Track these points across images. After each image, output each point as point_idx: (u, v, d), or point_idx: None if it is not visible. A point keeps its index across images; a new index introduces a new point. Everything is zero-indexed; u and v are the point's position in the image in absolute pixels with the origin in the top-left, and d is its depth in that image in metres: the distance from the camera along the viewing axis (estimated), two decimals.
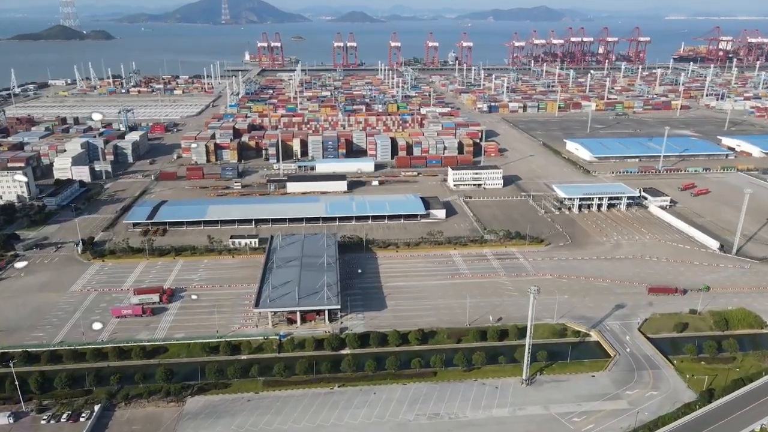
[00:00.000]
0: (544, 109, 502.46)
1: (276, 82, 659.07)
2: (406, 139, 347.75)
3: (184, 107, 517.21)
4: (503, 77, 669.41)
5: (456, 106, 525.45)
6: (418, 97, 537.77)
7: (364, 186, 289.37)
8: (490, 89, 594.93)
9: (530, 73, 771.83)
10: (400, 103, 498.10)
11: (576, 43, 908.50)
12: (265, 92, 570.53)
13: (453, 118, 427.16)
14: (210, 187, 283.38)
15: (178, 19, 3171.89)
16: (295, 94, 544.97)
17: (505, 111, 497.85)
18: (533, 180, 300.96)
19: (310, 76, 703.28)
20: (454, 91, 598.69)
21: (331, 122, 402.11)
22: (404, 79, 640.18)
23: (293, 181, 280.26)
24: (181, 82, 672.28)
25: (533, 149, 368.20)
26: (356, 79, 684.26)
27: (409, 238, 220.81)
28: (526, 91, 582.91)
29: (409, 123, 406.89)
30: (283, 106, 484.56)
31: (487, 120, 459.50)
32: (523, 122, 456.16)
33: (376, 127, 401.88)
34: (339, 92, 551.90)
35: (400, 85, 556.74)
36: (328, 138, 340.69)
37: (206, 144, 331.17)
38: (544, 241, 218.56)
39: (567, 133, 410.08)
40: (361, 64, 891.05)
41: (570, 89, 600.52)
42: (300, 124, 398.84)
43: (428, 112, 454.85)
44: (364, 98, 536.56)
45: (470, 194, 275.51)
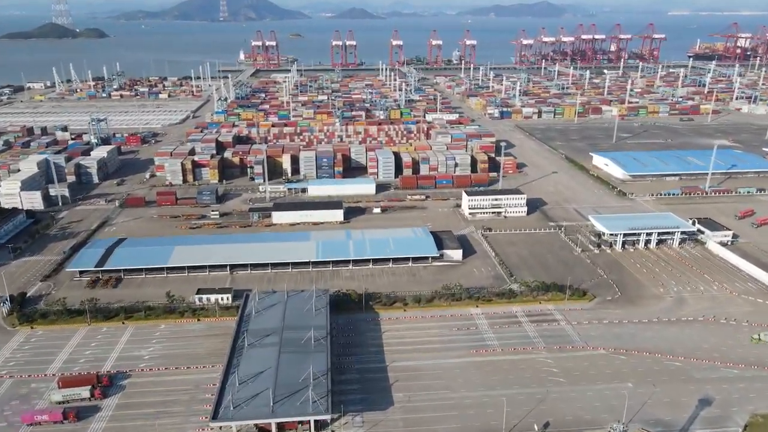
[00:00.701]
0: (561, 115, 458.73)
1: (270, 84, 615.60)
2: (412, 154, 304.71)
3: (168, 113, 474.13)
4: (513, 78, 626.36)
5: (463, 111, 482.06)
6: (423, 102, 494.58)
7: (363, 214, 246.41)
8: (499, 92, 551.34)
9: (541, 73, 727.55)
10: (403, 108, 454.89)
11: (587, 41, 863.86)
12: (256, 96, 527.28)
13: (463, 127, 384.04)
14: (183, 216, 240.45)
15: (175, 16, 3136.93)
16: (288, 98, 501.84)
17: (519, 117, 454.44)
18: (561, 205, 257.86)
19: (306, 78, 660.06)
20: (461, 94, 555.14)
21: (327, 133, 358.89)
22: (407, 81, 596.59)
23: (280, 210, 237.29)
24: (168, 84, 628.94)
25: (555, 164, 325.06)
26: (356, 81, 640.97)
27: (420, 289, 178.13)
28: (540, 94, 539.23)
29: (414, 133, 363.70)
30: (275, 113, 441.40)
31: (499, 128, 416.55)
32: (539, 130, 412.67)
33: (378, 138, 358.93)
34: (336, 97, 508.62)
35: (402, 87, 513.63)
36: (322, 154, 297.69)
37: (182, 162, 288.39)
38: (588, 294, 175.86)
39: (591, 144, 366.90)
40: (360, 63, 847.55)
41: (586, 91, 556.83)
42: (292, 135, 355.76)
43: (435, 119, 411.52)
44: (363, 103, 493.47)
45: (489, 225, 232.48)
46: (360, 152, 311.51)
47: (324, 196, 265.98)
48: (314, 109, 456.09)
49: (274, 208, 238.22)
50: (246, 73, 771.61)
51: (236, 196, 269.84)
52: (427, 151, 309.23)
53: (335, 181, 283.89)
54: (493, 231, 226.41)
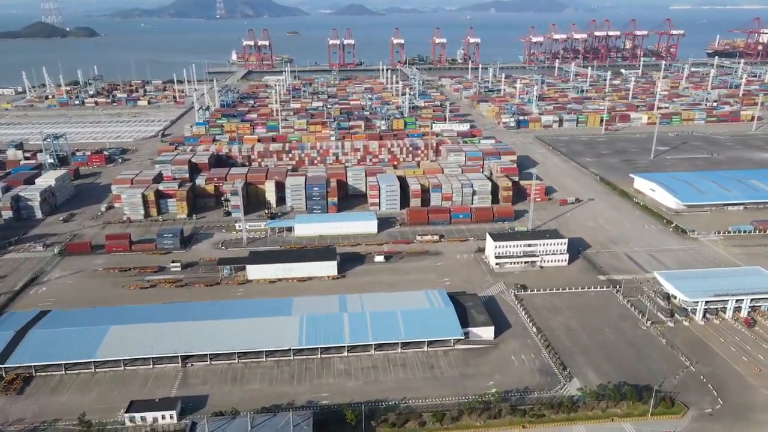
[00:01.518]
0: (584, 123, 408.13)
1: (260, 88, 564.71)
2: (420, 179, 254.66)
3: (145, 124, 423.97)
4: (524, 80, 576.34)
5: (474, 119, 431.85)
6: (429, 108, 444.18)
7: (363, 264, 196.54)
8: (512, 96, 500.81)
9: (554, 73, 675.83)
10: (407, 117, 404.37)
11: (600, 38, 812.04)
12: (244, 104, 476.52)
13: (477, 141, 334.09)
14: (135, 270, 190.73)
15: (171, 14, 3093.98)
16: (278, 107, 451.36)
17: (537, 126, 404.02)
18: (608, 248, 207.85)
19: (300, 81, 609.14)
20: (470, 99, 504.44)
21: (321, 150, 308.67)
22: (410, 84, 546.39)
23: (257, 261, 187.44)
24: (150, 89, 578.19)
25: (589, 188, 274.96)
26: (354, 84, 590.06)
27: (441, 394, 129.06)
28: (557, 99, 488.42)
29: (422, 150, 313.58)
30: (263, 124, 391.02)
31: (516, 140, 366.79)
32: (562, 142, 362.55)
33: (379, 156, 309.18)
34: (332, 104, 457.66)
35: (406, 92, 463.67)
36: (313, 181, 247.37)
37: (144, 192, 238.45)
38: (677, 403, 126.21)
39: (626, 161, 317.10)
40: (359, 63, 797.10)
41: (608, 95, 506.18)
42: (280, 153, 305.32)
43: (443, 131, 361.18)
44: (362, 110, 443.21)
45: (522, 279, 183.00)
46: (358, 176, 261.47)
47: (314, 236, 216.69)
48: (307, 118, 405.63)
49: (248, 260, 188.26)
50: (237, 74, 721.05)
51: (207, 237, 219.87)
52: (439, 176, 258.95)
53: (328, 216, 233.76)
54: (530, 290, 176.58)
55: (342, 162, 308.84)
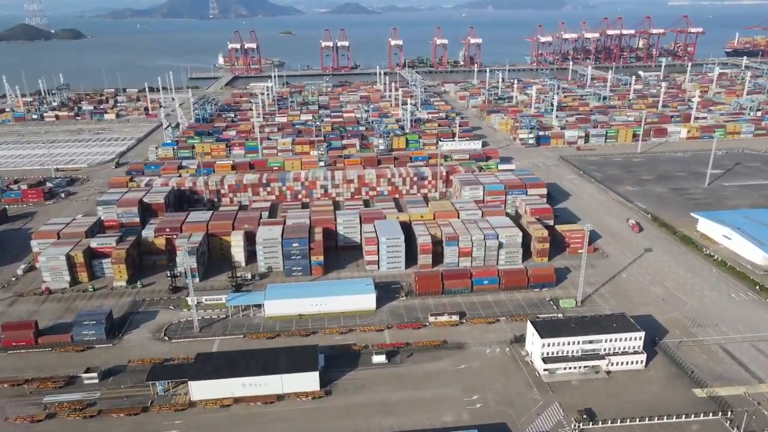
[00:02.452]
0: (614, 138, 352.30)
1: (244, 98, 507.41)
2: (430, 226, 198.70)
3: (106, 143, 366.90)
4: (535, 84, 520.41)
5: (485, 133, 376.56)
6: (433, 121, 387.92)
7: (355, 369, 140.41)
8: (526, 105, 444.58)
9: (566, 76, 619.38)
10: (409, 134, 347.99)
11: (613, 37, 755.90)
12: (223, 117, 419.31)
13: (494, 166, 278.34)
14: (31, 385, 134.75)
15: (164, 14, 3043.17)
16: (262, 121, 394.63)
17: (560, 143, 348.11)
18: (692, 333, 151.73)
19: (289, 88, 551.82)
20: (479, 109, 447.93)
21: (306, 182, 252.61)
22: (411, 92, 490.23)
23: (204, 374, 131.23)
24: (122, 100, 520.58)
25: (642, 231, 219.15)
26: (348, 91, 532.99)
27: None
28: (577, 108, 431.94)
29: (429, 181, 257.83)
30: (241, 144, 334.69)
31: (537, 161, 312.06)
32: (593, 164, 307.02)
33: (377, 188, 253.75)
34: (322, 120, 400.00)
35: (407, 102, 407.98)
36: (293, 233, 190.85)
37: (70, 252, 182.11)
38: None
39: (675, 190, 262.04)
40: (354, 66, 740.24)
41: (633, 101, 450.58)
42: (256, 186, 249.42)
43: (453, 153, 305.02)
44: (358, 125, 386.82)
45: (584, 395, 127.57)
46: (351, 223, 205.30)
47: (292, 316, 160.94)
48: (293, 136, 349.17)
49: (192, 371, 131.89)
50: (221, 80, 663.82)
51: (149, 318, 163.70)
52: (453, 221, 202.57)
53: (310, 286, 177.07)
54: (600, 420, 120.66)
55: (332, 196, 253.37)
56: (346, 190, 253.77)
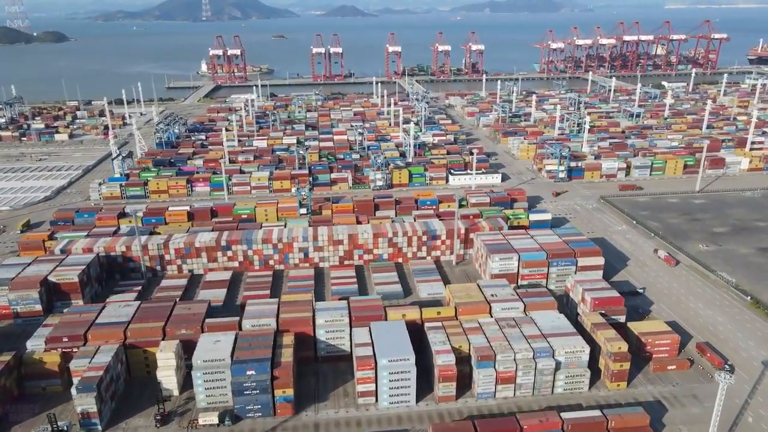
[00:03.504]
0: (661, 170, 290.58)
1: (222, 113, 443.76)
2: (452, 332, 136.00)
3: (45, 176, 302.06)
4: (550, 96, 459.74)
5: (501, 159, 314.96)
6: (441, 147, 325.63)
7: None
8: (545, 123, 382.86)
9: (582, 86, 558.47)
10: (414, 167, 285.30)
11: (630, 43, 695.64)
12: (192, 141, 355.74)
13: (524, 216, 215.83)
14: None
15: (156, 16, 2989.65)
16: (238, 145, 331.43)
17: (595, 176, 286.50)
18: None
19: (274, 102, 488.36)
20: (493, 129, 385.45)
21: (281, 243, 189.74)
22: (412, 107, 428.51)
23: None
24: (83, 114, 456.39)
25: (739, 324, 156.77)
26: (341, 105, 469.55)
27: None
28: (607, 128, 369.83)
29: (442, 240, 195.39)
30: (207, 179, 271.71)
31: (573, 202, 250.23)
32: (645, 208, 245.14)
33: (374, 251, 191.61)
34: (308, 145, 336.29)
35: (410, 123, 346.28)
36: (247, 353, 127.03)
37: None
38: None
39: (764, 250, 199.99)
40: (349, 74, 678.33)
41: (668, 120, 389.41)
42: (213, 250, 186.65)
43: (472, 196, 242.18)
44: (351, 150, 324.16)
45: None
46: (337, 327, 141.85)
47: None
48: (272, 168, 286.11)
49: None
50: (201, 91, 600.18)
51: None
52: (484, 323, 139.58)
53: None
54: None
55: (314, 261, 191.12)
56: (333, 254, 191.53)
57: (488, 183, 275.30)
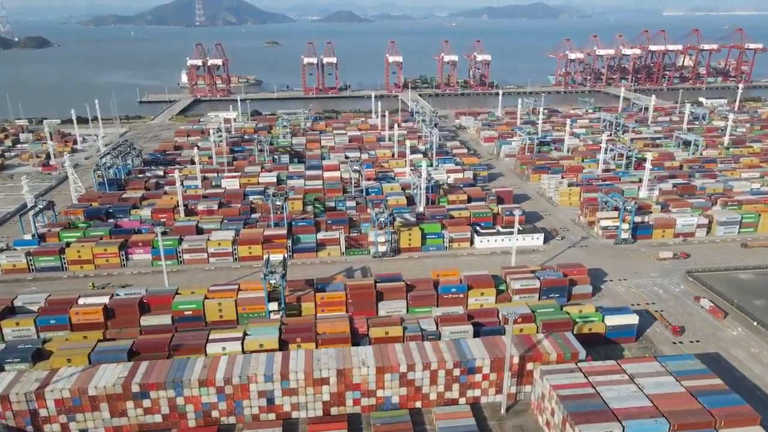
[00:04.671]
0: (752, 227, 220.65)
1: (192, 138, 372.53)
2: None
3: None
4: (576, 115, 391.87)
5: (535, 206, 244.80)
6: (460, 189, 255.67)
7: None
8: (584, 155, 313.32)
9: (606, 101, 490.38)
10: (428, 224, 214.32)
11: (656, 53, 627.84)
12: (147, 176, 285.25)
13: (601, 323, 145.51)
14: None
15: (149, 20, 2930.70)
16: (201, 186, 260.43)
17: (667, 234, 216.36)
18: None
19: (256, 123, 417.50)
20: (518, 161, 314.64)
21: (230, 385, 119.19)
22: (418, 129, 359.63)
23: None
24: (27, 138, 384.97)
25: None
26: (335, 127, 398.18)
27: None
28: (661, 162, 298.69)
29: (484, 374, 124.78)
30: (147, 244, 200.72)
31: (652, 281, 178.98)
32: (754, 292, 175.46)
33: (379, 392, 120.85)
34: (288, 193, 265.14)
35: (417, 149, 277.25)
36: None
37: None
38: None
39: None
40: (344, 87, 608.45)
41: (729, 153, 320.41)
42: (119, 397, 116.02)
43: (514, 277, 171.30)
44: (344, 194, 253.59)
45: None
46: None
47: None
48: (238, 227, 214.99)
49: None
50: (176, 106, 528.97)
51: None
52: None
53: None
54: None
55: (283, 412, 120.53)
56: (313, 399, 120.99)
57: (528, 245, 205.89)
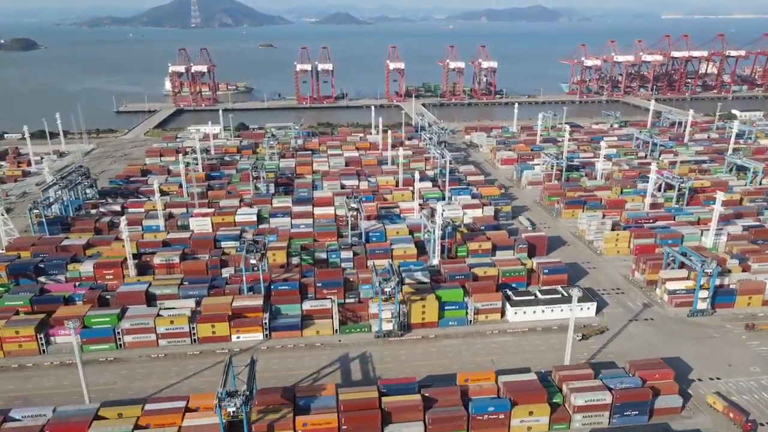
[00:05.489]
0: None
1: (165, 159, 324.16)
2: None
3: None
4: (602, 132, 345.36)
5: (574, 254, 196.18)
6: (481, 233, 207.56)
7: None
8: (624, 184, 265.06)
9: (625, 112, 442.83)
10: (447, 290, 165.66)
11: (678, 60, 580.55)
12: (96, 214, 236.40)
13: None
14: None
15: (144, 22, 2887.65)
16: (165, 228, 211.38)
17: (754, 302, 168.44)
18: None
19: (240, 140, 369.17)
20: (544, 193, 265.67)
21: None
22: (426, 149, 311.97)
23: None
24: None
25: None
26: (329, 146, 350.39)
27: None
28: (712, 195, 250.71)
29: None
30: (79, 319, 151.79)
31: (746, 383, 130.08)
32: None
33: None
34: (267, 239, 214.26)
35: (423, 176, 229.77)
36: None
37: None
38: None
39: None
40: (341, 96, 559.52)
41: None
42: None
43: (572, 386, 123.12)
44: (338, 245, 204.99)
45: None
46: None
47: None
48: (209, 283, 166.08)
49: None
50: (155, 117, 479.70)
51: None
52: None
53: None
54: None
55: None
56: None
57: (576, 317, 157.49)
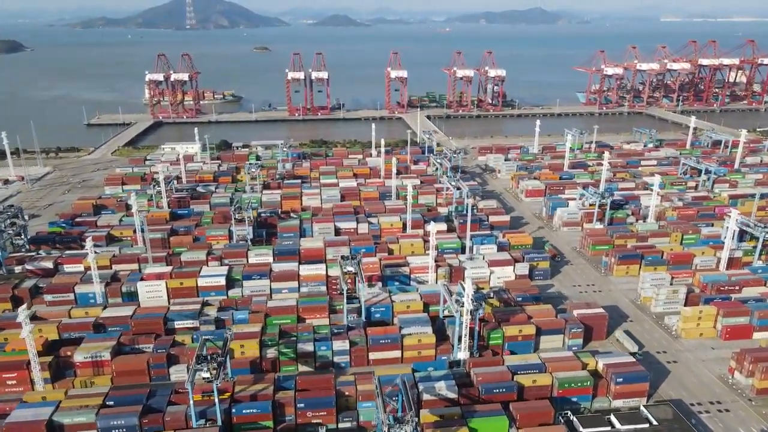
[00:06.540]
0: None
1: (126, 188, 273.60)
2: None
3: None
4: (638, 154, 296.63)
5: (644, 336, 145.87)
6: (518, 308, 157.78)
7: None
8: (678, 227, 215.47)
9: (653, 126, 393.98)
10: (483, 417, 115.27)
11: (706, 68, 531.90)
12: (21, 274, 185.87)
13: None
14: None
15: (139, 24, 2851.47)
16: (109, 301, 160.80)
17: None
18: None
19: (219, 162, 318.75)
20: (587, 241, 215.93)
21: None
22: (440, 183, 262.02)
23: None
24: None
25: None
26: (322, 172, 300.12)
27: None
28: None
29: None
30: None
31: None
32: None
33: None
34: (230, 336, 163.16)
35: (439, 210, 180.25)
36: None
37: None
38: None
39: None
40: (337, 106, 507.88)
41: None
42: None
43: None
44: (330, 334, 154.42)
45: None
46: None
47: None
48: (143, 403, 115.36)
49: None
50: (133, 129, 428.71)
51: None
52: None
53: None
54: None
55: None
56: None
57: None
